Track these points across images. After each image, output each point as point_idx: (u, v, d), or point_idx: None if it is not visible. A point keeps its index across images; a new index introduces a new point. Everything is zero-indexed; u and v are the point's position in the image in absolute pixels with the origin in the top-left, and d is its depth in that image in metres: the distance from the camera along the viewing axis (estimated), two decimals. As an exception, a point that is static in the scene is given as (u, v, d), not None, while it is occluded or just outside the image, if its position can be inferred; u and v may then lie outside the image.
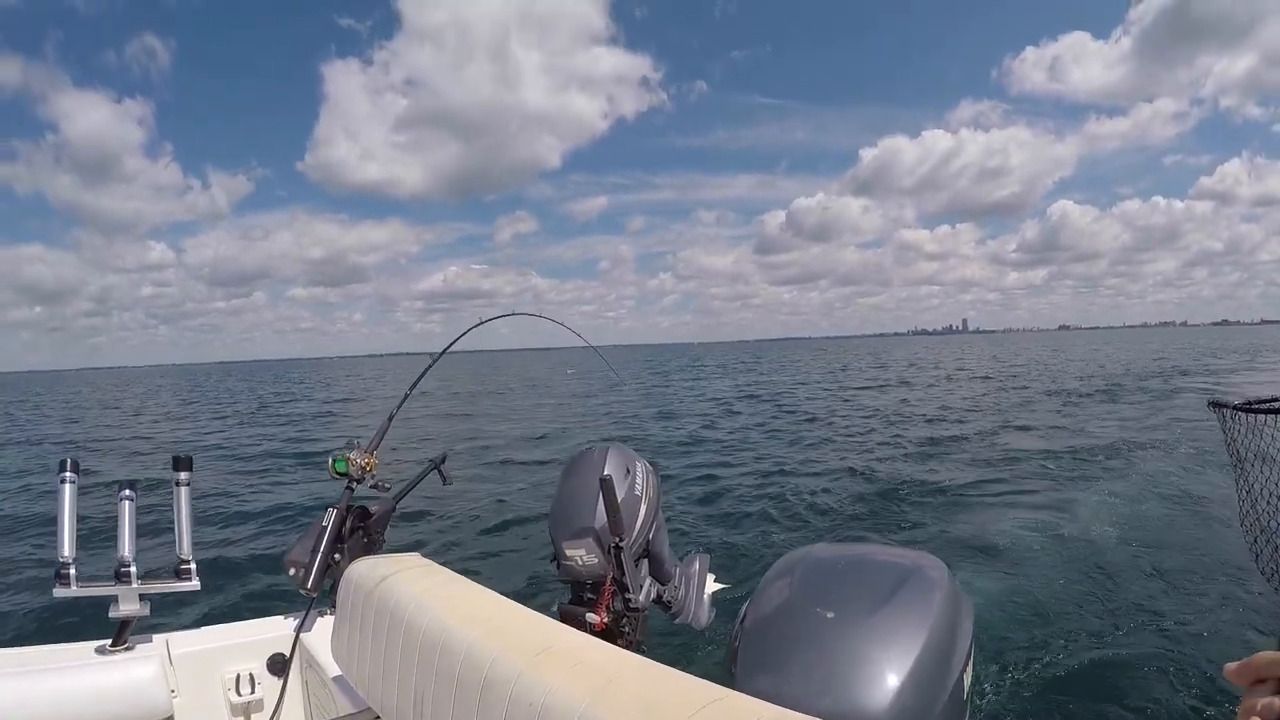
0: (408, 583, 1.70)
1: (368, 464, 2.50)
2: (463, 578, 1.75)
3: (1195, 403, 17.52)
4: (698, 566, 2.74)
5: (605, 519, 2.15)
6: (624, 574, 2.17)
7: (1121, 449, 11.97)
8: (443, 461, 2.79)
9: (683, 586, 2.61)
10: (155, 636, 2.23)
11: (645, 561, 2.39)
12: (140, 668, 2.03)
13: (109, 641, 2.12)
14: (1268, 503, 1.50)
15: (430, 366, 3.03)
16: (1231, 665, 0.58)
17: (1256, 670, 0.56)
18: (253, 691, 2.31)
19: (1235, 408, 1.45)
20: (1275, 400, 1.39)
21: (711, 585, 2.80)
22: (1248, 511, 1.42)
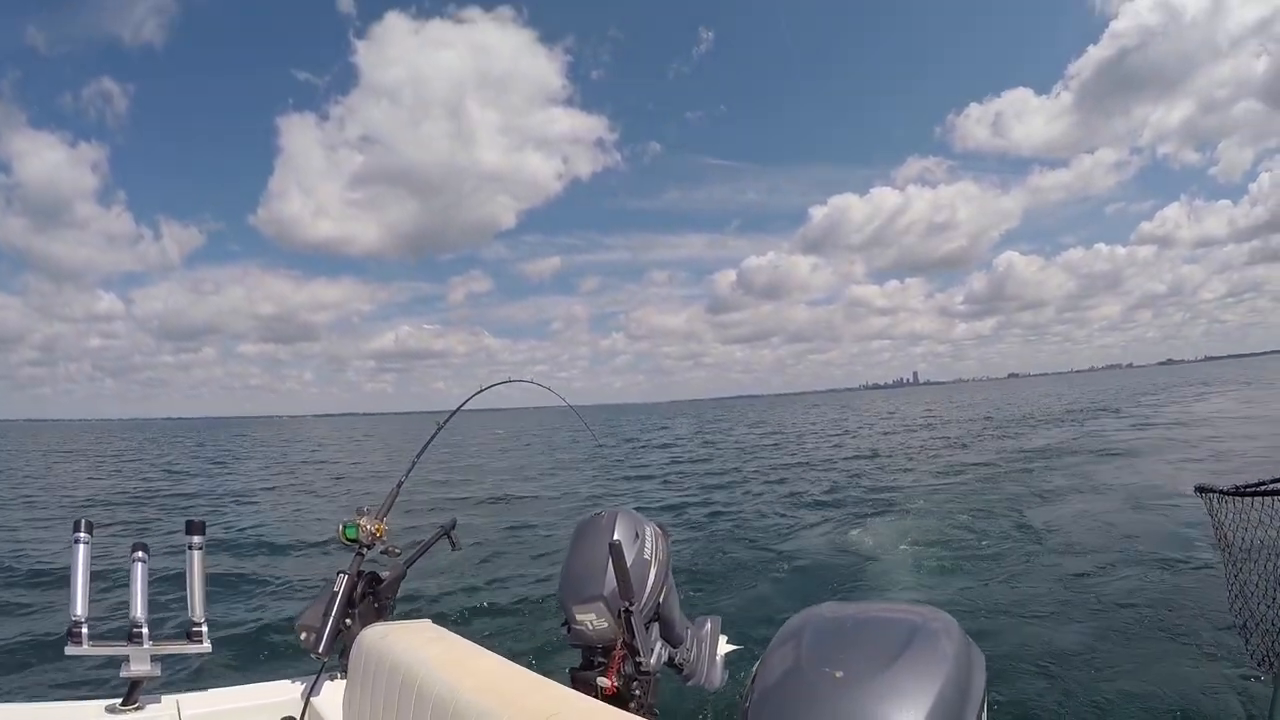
0: (419, 649, 1.67)
1: (377, 530, 2.45)
2: (474, 645, 1.71)
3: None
4: (709, 628, 2.65)
5: (615, 584, 2.08)
6: (634, 638, 2.07)
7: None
8: (453, 528, 2.74)
9: (694, 648, 2.51)
10: (165, 697, 2.15)
11: (656, 625, 2.31)
12: None
13: (120, 701, 2.05)
14: (1256, 586, 1.43)
15: (437, 432, 3.00)
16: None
17: None
18: None
19: (1223, 492, 1.40)
20: (1261, 485, 1.35)
21: (724, 647, 2.71)
22: (1236, 595, 1.37)
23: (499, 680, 1.49)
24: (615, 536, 2.14)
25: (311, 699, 2.29)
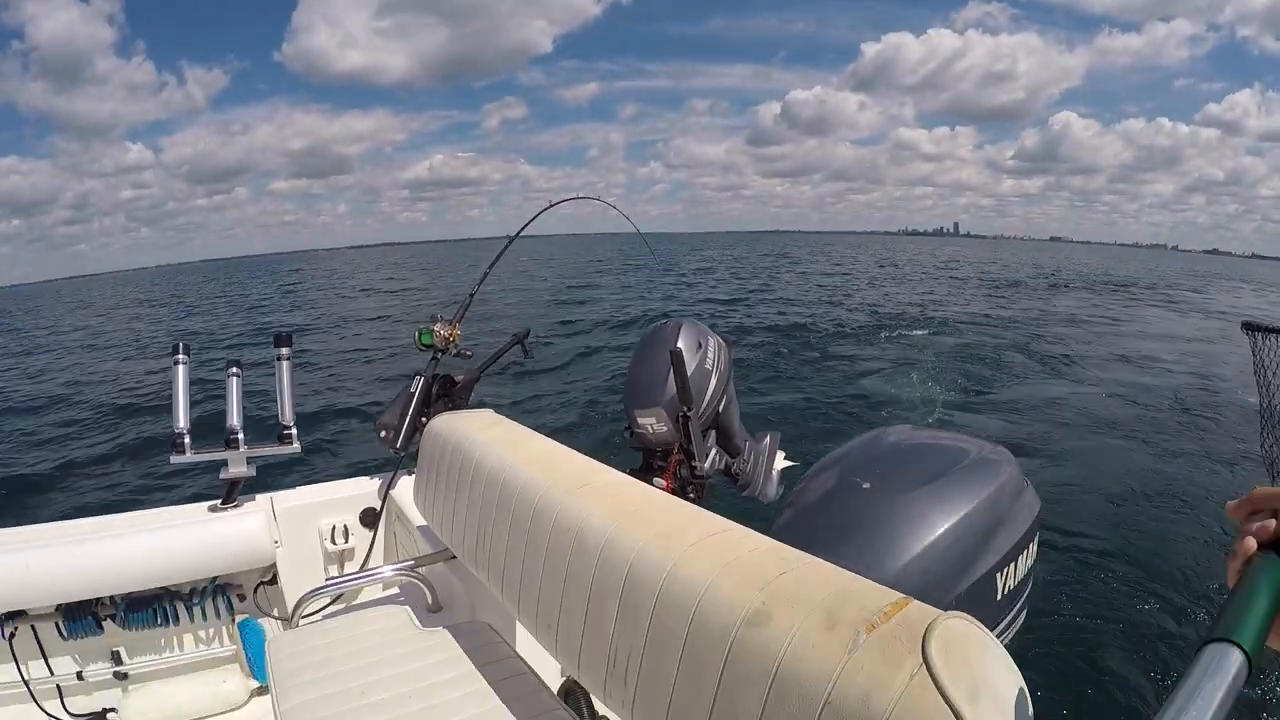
0: (478, 432, 1.75)
1: (451, 334, 2.51)
2: (528, 429, 1.77)
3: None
4: (768, 442, 2.66)
5: (675, 390, 2.10)
6: (690, 442, 2.12)
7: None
8: (526, 336, 2.76)
9: (751, 460, 2.54)
10: (259, 495, 2.35)
11: (713, 433, 2.34)
12: (248, 521, 2.16)
13: (220, 501, 2.25)
14: None
15: (506, 247, 2.99)
16: (1231, 502, 0.63)
17: (1253, 503, 0.60)
18: (346, 541, 2.43)
19: (1268, 330, 1.42)
20: None
21: (781, 462, 2.72)
22: (1268, 430, 1.21)
23: (545, 455, 1.56)
24: (677, 345, 2.14)
25: (390, 492, 2.46)
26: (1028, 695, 0.71)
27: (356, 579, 2.03)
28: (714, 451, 2.30)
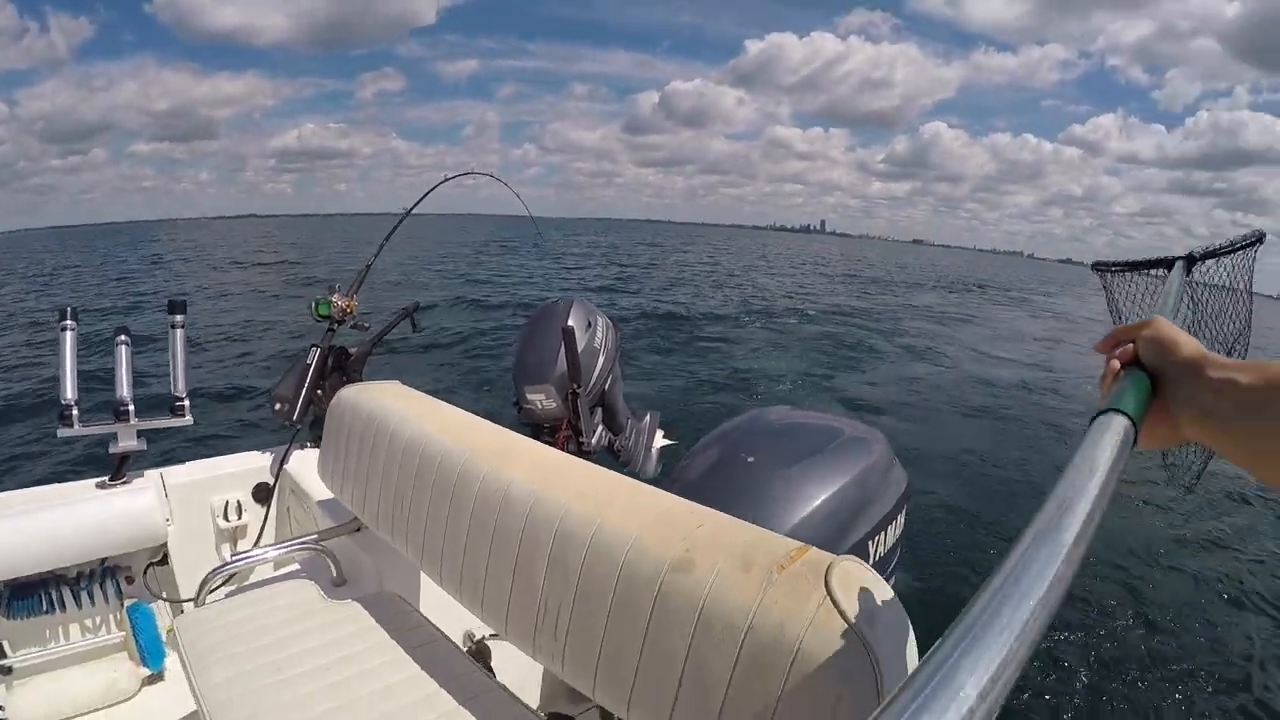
0: (390, 403, 1.77)
1: (348, 306, 2.50)
2: (438, 400, 1.81)
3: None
4: (649, 421, 2.82)
5: (565, 367, 2.19)
6: (579, 419, 2.21)
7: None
8: (415, 310, 2.75)
9: (633, 438, 2.67)
10: (149, 471, 2.25)
11: (600, 410, 2.44)
12: (138, 498, 2.08)
13: (108, 477, 2.14)
14: None
15: (402, 219, 2.96)
16: (1098, 341, 0.74)
17: (1115, 338, 0.72)
18: (239, 517, 2.36)
19: (1115, 267, 1.52)
20: (1149, 261, 1.42)
21: (661, 440, 2.89)
22: None
23: (461, 424, 1.61)
24: (569, 323, 2.20)
25: (284, 466, 2.41)
26: (908, 619, 0.88)
27: (264, 554, 1.95)
28: (600, 428, 2.40)
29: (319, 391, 2.39)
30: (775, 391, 8.34)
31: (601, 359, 2.34)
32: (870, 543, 1.59)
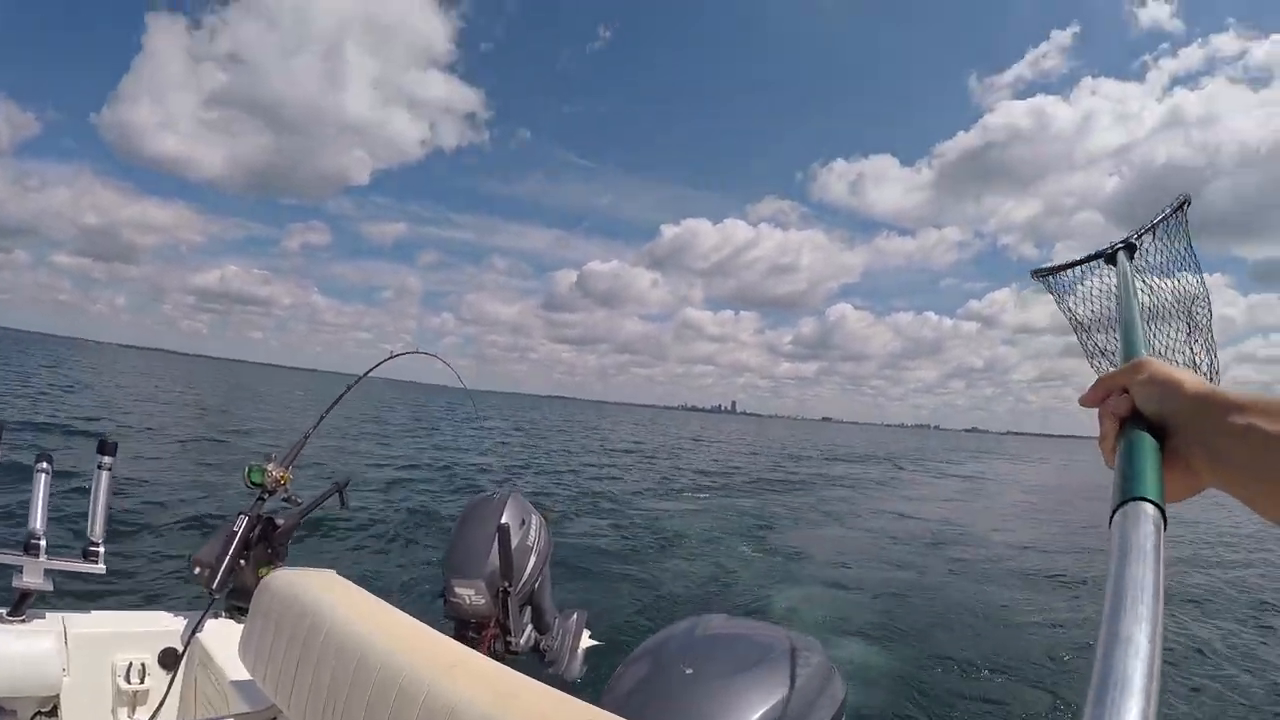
0: (323, 593, 1.68)
1: (282, 477, 2.42)
2: (374, 596, 1.74)
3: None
4: (575, 620, 2.71)
5: (498, 564, 2.12)
6: (508, 617, 2.14)
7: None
8: (346, 485, 2.67)
9: (559, 638, 2.57)
10: (50, 614, 2.08)
11: (528, 609, 2.37)
12: (35, 642, 1.90)
13: (6, 611, 1.98)
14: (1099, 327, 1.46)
15: (346, 392, 2.95)
16: (1083, 394, 0.69)
17: (1103, 388, 0.66)
18: (141, 682, 2.15)
19: (1052, 269, 1.49)
20: (1081, 258, 1.42)
21: (586, 641, 2.77)
22: (1091, 346, 1.38)
23: (405, 630, 1.52)
24: (504, 519, 2.16)
25: (197, 634, 2.24)
26: None
27: None
28: (529, 628, 2.31)
29: (242, 561, 2.26)
30: (702, 581, 7.97)
31: (534, 558, 2.29)
32: None
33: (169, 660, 2.20)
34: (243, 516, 2.33)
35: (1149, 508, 0.50)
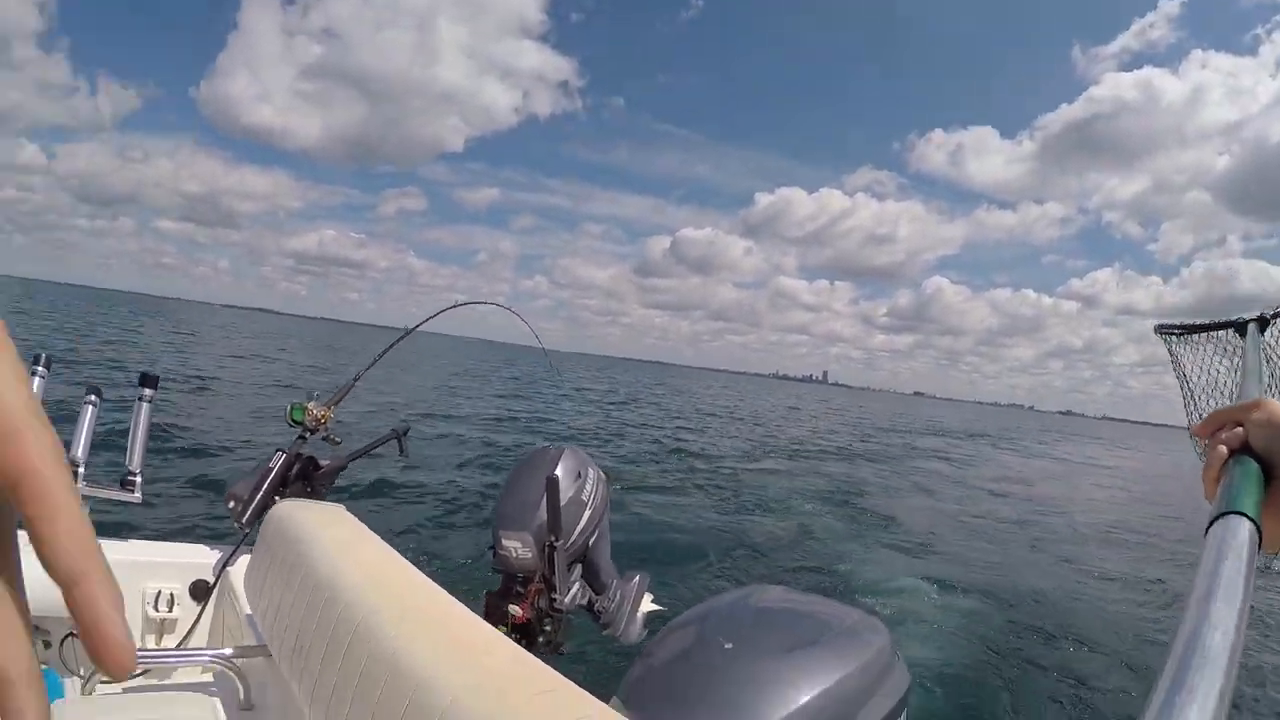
0: (319, 527, 1.63)
1: (323, 416, 2.31)
2: (375, 536, 1.66)
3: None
4: (637, 583, 2.52)
5: (545, 518, 1.98)
6: (554, 573, 2.00)
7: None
8: (405, 434, 2.54)
9: (616, 599, 2.39)
10: None
11: (579, 567, 2.20)
12: None
13: None
14: (1210, 395, 1.46)
15: (402, 338, 2.77)
16: (1197, 423, 0.69)
17: (1216, 421, 0.65)
18: (170, 610, 2.16)
19: (1180, 329, 1.47)
20: (1213, 322, 1.38)
21: (648, 605, 2.57)
22: (1193, 413, 1.37)
23: (382, 568, 1.46)
24: (556, 472, 2.03)
25: (227, 567, 2.23)
26: None
27: (166, 658, 1.82)
28: (577, 586, 2.16)
29: (277, 498, 2.18)
30: (782, 545, 7.68)
31: (588, 513, 2.15)
32: None
33: (199, 592, 2.21)
34: (280, 453, 2.26)
35: (1248, 524, 0.50)
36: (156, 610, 2.13)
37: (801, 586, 6.23)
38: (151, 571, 2.16)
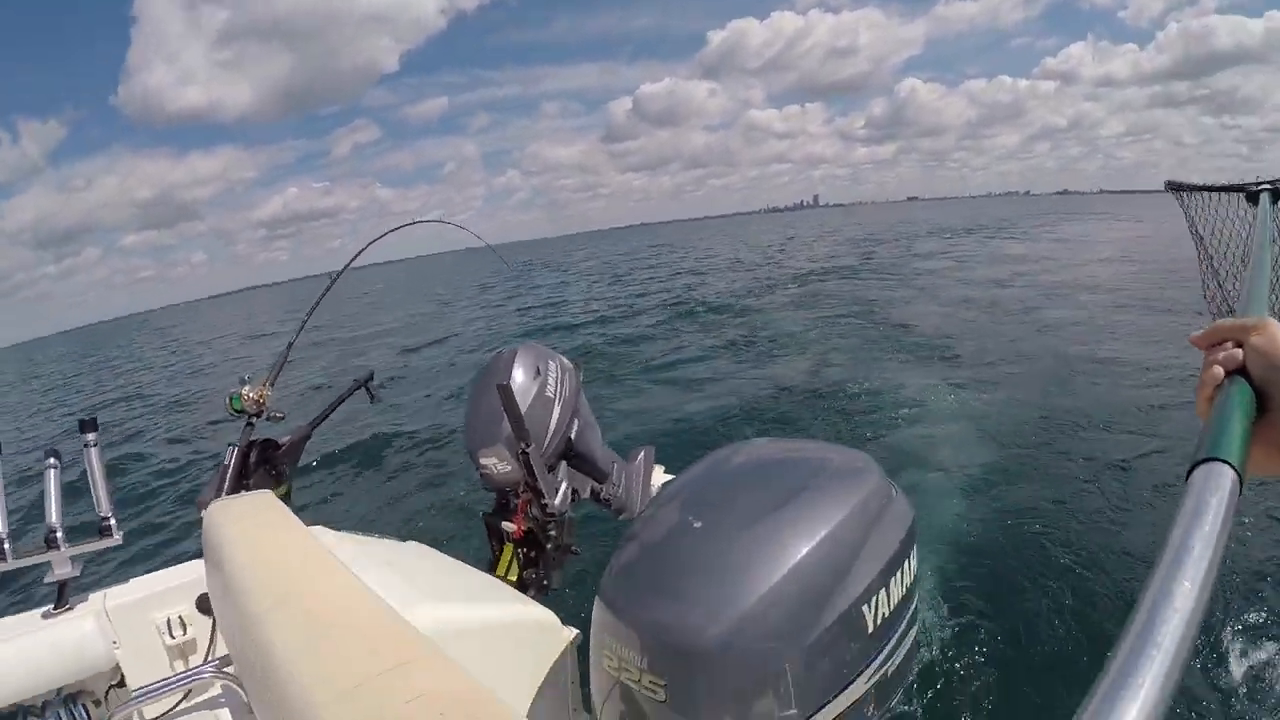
0: (236, 524, 1.56)
1: (260, 397, 2.22)
2: (289, 514, 1.58)
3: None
4: (641, 459, 2.46)
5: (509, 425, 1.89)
6: (536, 480, 1.91)
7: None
8: (369, 379, 2.52)
9: (622, 482, 2.33)
10: (91, 594, 2.09)
11: (563, 464, 2.12)
12: (82, 625, 1.96)
13: (52, 605, 2.01)
14: (1222, 261, 1.44)
15: (328, 289, 2.66)
16: (1195, 334, 0.65)
17: (1217, 334, 0.63)
18: (185, 633, 2.14)
19: (1192, 188, 1.46)
20: (1232, 187, 1.36)
21: (660, 476, 2.51)
22: (1208, 274, 1.38)
23: (292, 558, 1.37)
24: (510, 377, 1.93)
25: None
26: None
27: (163, 686, 1.70)
28: (564, 484, 2.07)
29: (243, 491, 2.14)
30: (793, 379, 7.68)
31: (558, 409, 2.04)
32: (868, 604, 1.22)
33: (205, 605, 2.17)
34: (231, 448, 2.19)
35: (1230, 473, 0.49)
36: (173, 636, 2.13)
37: (825, 415, 6.33)
38: (159, 602, 2.14)
